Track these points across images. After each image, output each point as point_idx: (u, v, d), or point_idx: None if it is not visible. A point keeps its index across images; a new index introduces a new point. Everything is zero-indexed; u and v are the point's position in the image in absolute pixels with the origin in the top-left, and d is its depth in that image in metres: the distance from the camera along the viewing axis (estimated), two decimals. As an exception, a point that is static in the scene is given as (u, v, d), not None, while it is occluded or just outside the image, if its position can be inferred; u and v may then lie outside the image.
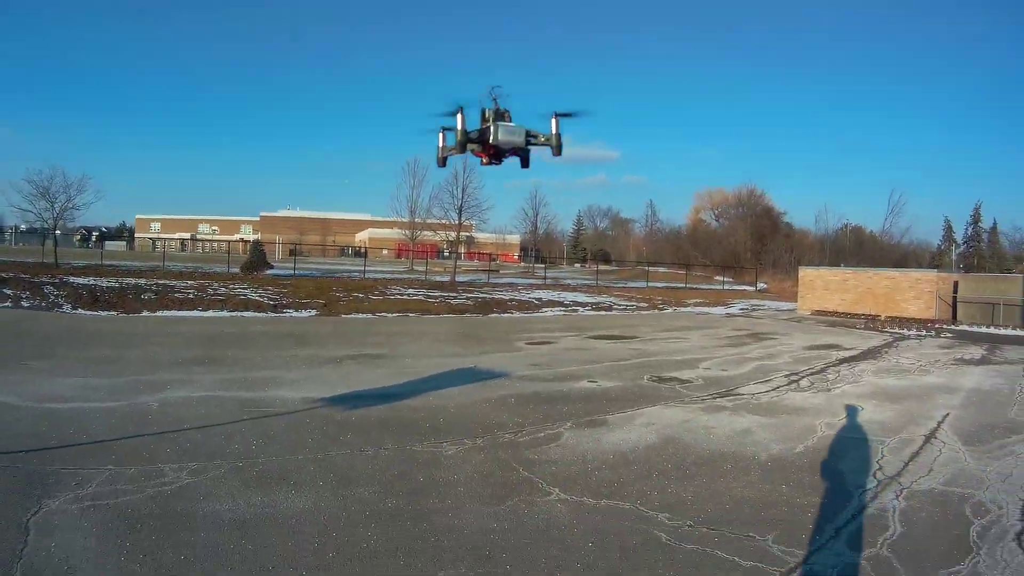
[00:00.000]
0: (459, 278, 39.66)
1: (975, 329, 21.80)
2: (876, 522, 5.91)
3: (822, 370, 13.73)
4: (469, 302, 26.18)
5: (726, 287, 48.10)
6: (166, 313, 17.95)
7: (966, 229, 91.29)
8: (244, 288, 24.95)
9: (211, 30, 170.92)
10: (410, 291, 29.61)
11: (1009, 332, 20.84)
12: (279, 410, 8.45)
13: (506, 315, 23.15)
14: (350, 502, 5.76)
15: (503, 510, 5.87)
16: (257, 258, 31.46)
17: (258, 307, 19.34)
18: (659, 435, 8.63)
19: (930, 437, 8.61)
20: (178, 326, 14.51)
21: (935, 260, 76.06)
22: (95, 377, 10.16)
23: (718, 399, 10.80)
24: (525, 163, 10.81)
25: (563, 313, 25.04)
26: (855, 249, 73.42)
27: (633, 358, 14.70)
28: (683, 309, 29.62)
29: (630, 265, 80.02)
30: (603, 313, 26.04)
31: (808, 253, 68.08)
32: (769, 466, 7.50)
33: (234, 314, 17.08)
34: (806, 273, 30.25)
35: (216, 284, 25.09)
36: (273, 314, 18.25)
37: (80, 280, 26.01)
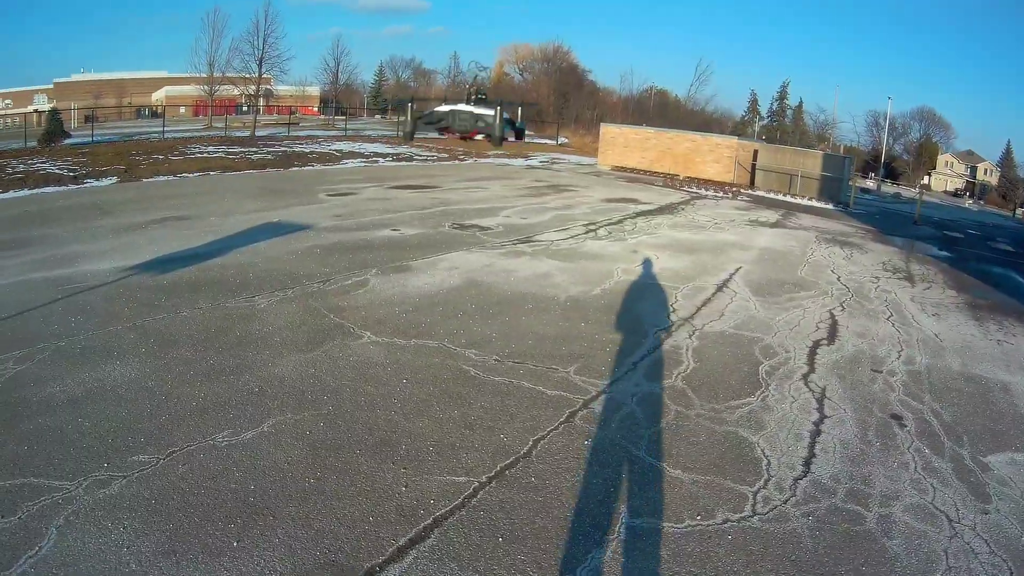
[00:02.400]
0: (259, 133, 37.84)
1: (771, 196, 24.05)
2: (671, 357, 6.66)
3: (619, 221, 14.67)
4: (270, 156, 25.54)
5: (527, 140, 49.14)
6: (-38, 198, 15.93)
7: (772, 104, 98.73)
8: (42, 162, 22.81)
9: None
10: (210, 148, 28.29)
11: (805, 202, 23.18)
12: (92, 283, 8.04)
13: (307, 168, 22.69)
14: (174, 364, 5.81)
15: (319, 355, 6.14)
16: (55, 128, 28.38)
17: (58, 180, 17.98)
18: (462, 278, 9.02)
19: (722, 286, 9.63)
20: None
21: (738, 129, 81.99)
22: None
23: (518, 245, 11.32)
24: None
25: (364, 164, 24.76)
26: (659, 112, 77.48)
27: (434, 207, 14.88)
28: (483, 160, 30.05)
29: (432, 116, 79.28)
30: (404, 164, 25.94)
31: (612, 112, 71.02)
32: (568, 306, 8.12)
33: (35, 192, 15.55)
34: (608, 130, 31.50)
35: (14, 161, 22.57)
36: (74, 186, 16.89)
37: None
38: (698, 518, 4.00)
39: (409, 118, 36.02)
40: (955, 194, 74.21)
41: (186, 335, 6.49)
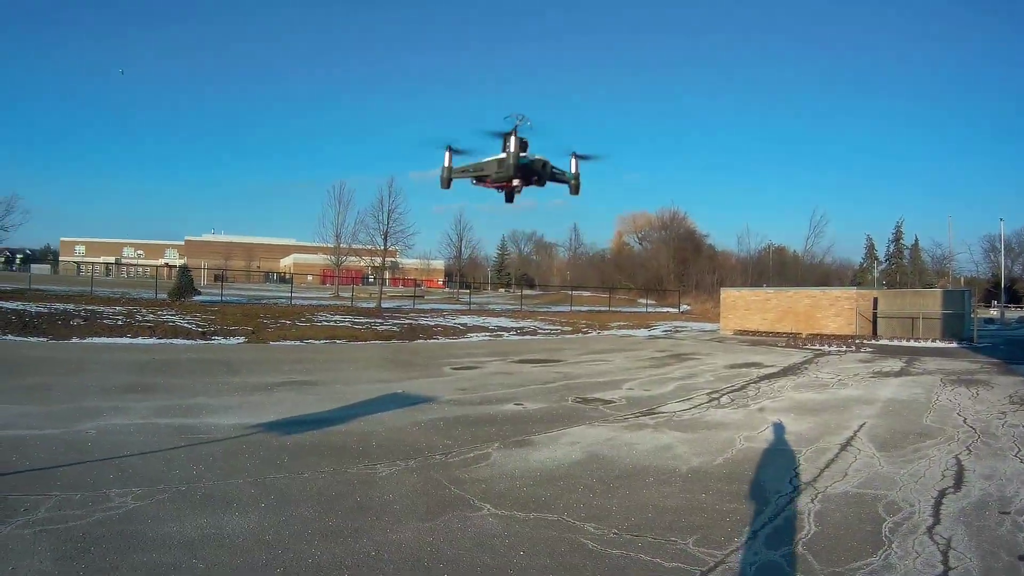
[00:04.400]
0: (384, 304, 40.09)
1: (895, 343, 23.36)
2: (792, 524, 6.56)
3: (742, 387, 14.62)
4: (395, 328, 26.66)
5: (649, 310, 49.66)
6: (96, 340, 17.98)
7: (888, 247, 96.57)
8: (172, 314, 24.96)
9: (136, 50, 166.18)
10: (336, 317, 30.01)
11: (928, 344, 22.38)
12: (215, 436, 8.74)
13: (432, 340, 23.61)
14: (292, 521, 6.13)
15: (437, 525, 6.33)
16: (185, 283, 31.30)
17: (187, 334, 19.52)
18: (583, 452, 9.20)
19: (846, 445, 9.44)
20: (109, 353, 14.48)
21: (857, 277, 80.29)
22: (30, 404, 10.26)
23: (641, 417, 11.46)
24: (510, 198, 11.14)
25: (488, 338, 25.57)
26: (778, 269, 76.99)
27: (558, 381, 15.29)
28: (607, 332, 30.56)
29: (554, 289, 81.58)
30: (528, 337, 26.66)
31: (731, 274, 70.95)
32: (689, 477, 8.13)
33: (163, 341, 17.26)
34: (728, 294, 31.69)
35: (144, 310, 24.96)
36: (202, 341, 18.50)
37: (8, 305, 25.23)
38: None
39: (446, 164, 37.23)
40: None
41: (306, 495, 6.83)
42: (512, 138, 28.17)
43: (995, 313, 48.60)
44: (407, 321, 30.51)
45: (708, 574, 5.47)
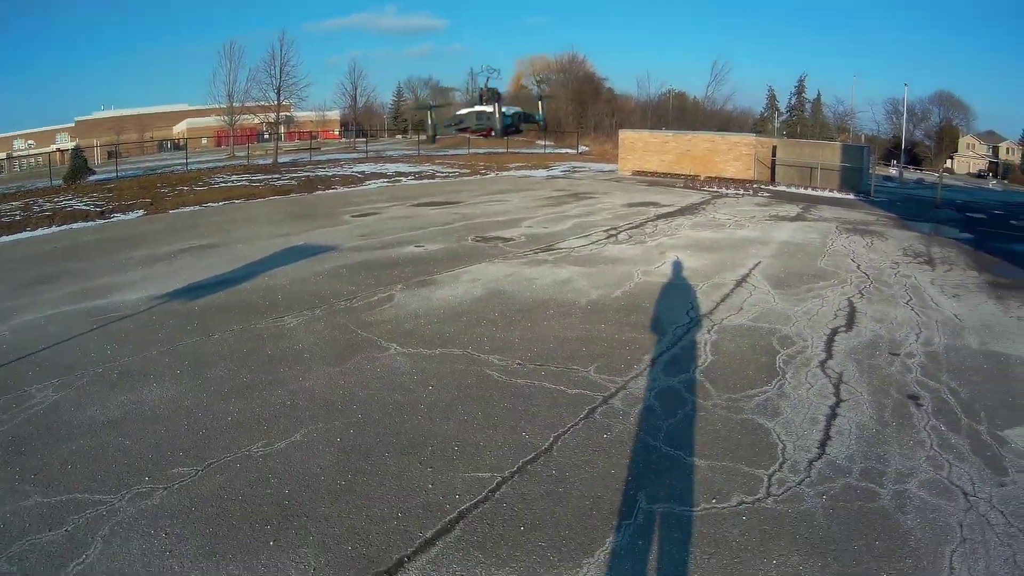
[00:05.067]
0: (281, 159, 38.56)
1: (793, 190, 23.91)
2: (690, 353, 6.75)
3: (640, 225, 14.75)
4: (293, 182, 26.01)
5: (548, 151, 49.29)
6: (-6, 239, 16.59)
7: (790, 99, 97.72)
8: (69, 199, 23.40)
9: None
10: (234, 177, 28.87)
11: (826, 194, 23.00)
12: (125, 312, 8.39)
13: (330, 191, 23.08)
14: (208, 383, 6.06)
15: (348, 368, 6.36)
16: (79, 165, 29.10)
17: (86, 216, 18.45)
18: (485, 288, 9.19)
19: (741, 281, 9.69)
20: (10, 251, 13.30)
21: (757, 127, 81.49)
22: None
23: (540, 253, 11.47)
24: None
25: (387, 184, 25.08)
26: (678, 115, 77.35)
27: (457, 222, 15.08)
28: (505, 173, 30.28)
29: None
30: (426, 181, 26.25)
31: (630, 117, 70.87)
32: (589, 309, 8.25)
33: (63, 228, 16.13)
34: (626, 135, 31.59)
35: (41, 200, 23.24)
36: (102, 220, 17.45)
37: None
38: (713, 501, 4.10)
39: (430, 122, 37.51)
40: (978, 175, 72.83)
41: (219, 356, 6.74)
42: (497, 103, 29.35)
43: (894, 172, 50.55)
44: (305, 174, 29.66)
45: (609, 400, 5.57)
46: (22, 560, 3.60)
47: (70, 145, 53.01)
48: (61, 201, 22.99)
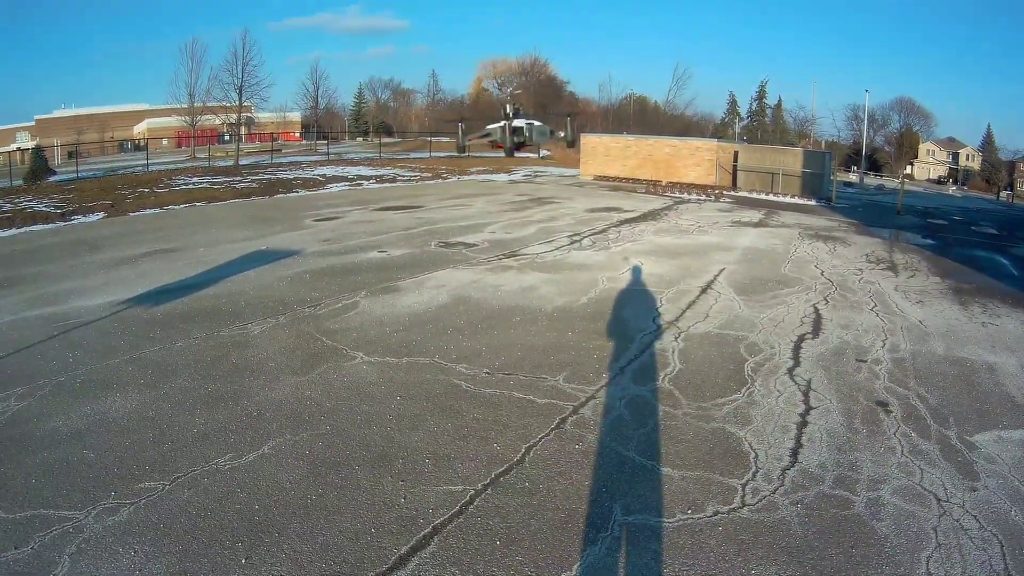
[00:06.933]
0: (242, 161, 38.25)
1: (754, 196, 24.27)
2: (658, 360, 6.78)
3: (603, 230, 14.83)
4: (254, 184, 25.77)
5: (509, 155, 49.43)
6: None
7: (751, 104, 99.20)
8: (29, 200, 22.90)
9: None
10: (195, 179, 28.50)
11: (787, 200, 23.35)
12: (86, 319, 8.19)
13: (292, 194, 22.92)
14: (172, 393, 5.94)
15: (314, 378, 6.28)
16: (39, 166, 28.59)
17: (46, 218, 18.09)
18: (450, 295, 9.15)
19: (706, 288, 9.78)
20: None
21: (718, 132, 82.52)
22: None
23: (504, 260, 11.47)
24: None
25: (348, 188, 24.94)
26: (639, 119, 78.21)
27: (420, 226, 15.03)
28: (467, 177, 30.29)
29: (413, 136, 79.79)
30: (388, 185, 26.14)
31: (592, 121, 71.39)
32: (555, 317, 8.26)
33: (23, 230, 15.73)
34: (588, 140, 31.77)
35: (1, 201, 22.68)
36: (62, 223, 17.05)
37: None
38: (689, 512, 4.10)
39: (460, 135, 38.61)
40: (938, 181, 74.88)
41: (183, 365, 6.61)
42: (508, 123, 36.84)
43: (855, 178, 51.51)
44: (266, 176, 29.40)
45: (580, 409, 5.56)
46: (-15, 581, 3.48)
47: (30, 145, 51.97)
48: (21, 202, 22.54)
